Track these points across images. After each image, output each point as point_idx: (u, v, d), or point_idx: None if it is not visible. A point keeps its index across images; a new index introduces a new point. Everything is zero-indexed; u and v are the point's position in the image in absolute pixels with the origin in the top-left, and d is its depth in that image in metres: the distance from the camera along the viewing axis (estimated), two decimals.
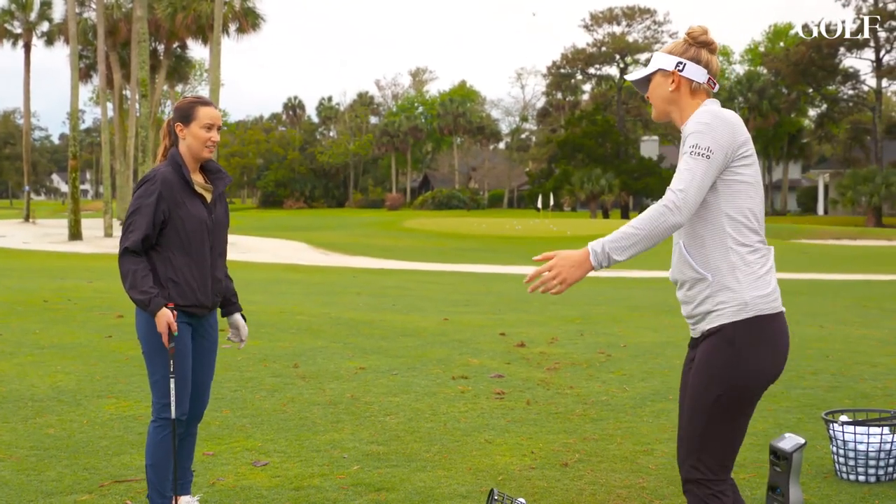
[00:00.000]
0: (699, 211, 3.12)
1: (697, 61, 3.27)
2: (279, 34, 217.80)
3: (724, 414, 3.11)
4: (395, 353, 9.25)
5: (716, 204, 3.11)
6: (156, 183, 4.20)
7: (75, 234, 38.56)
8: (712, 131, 3.06)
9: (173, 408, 4.24)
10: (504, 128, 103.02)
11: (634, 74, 3.37)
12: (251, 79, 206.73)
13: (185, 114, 4.30)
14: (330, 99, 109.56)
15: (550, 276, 3.03)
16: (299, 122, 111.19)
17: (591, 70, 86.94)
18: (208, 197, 4.36)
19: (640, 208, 76.57)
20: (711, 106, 3.19)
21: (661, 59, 3.30)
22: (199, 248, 4.28)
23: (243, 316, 4.63)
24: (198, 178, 4.37)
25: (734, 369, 3.08)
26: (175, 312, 4.19)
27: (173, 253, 4.23)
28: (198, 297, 4.28)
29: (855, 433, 5.05)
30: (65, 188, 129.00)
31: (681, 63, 3.26)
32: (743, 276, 3.07)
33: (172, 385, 4.24)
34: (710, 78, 3.27)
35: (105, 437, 5.96)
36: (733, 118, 3.14)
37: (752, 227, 3.11)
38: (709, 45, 3.30)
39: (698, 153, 3.03)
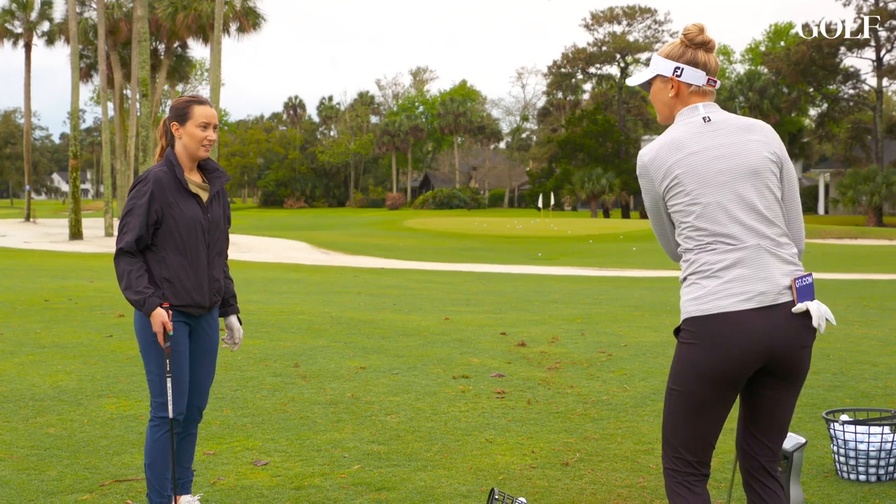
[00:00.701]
0: None
1: (695, 63, 3.27)
2: (280, 34, 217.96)
3: (676, 409, 3.22)
4: (396, 353, 9.25)
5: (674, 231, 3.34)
6: (147, 183, 4.21)
7: (76, 233, 38.57)
8: (641, 183, 3.33)
9: (170, 407, 4.24)
10: (505, 127, 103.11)
11: (635, 79, 3.40)
12: (252, 78, 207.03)
13: (181, 113, 4.29)
14: (330, 98, 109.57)
15: None
16: (300, 121, 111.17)
17: (592, 69, 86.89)
18: (204, 196, 4.36)
19: (641, 208, 76.59)
20: (667, 132, 3.29)
21: (660, 64, 3.31)
22: (194, 248, 4.28)
23: (239, 319, 4.63)
24: (194, 178, 4.36)
25: (673, 367, 3.25)
26: (170, 312, 4.19)
27: (168, 253, 4.23)
28: (193, 296, 4.28)
29: (856, 432, 5.05)
30: (65, 188, 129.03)
31: (678, 69, 3.28)
32: (684, 286, 3.26)
33: (169, 384, 4.24)
34: (709, 79, 3.28)
35: (106, 436, 5.96)
36: (651, 157, 3.26)
37: (687, 247, 3.24)
38: (706, 45, 3.29)
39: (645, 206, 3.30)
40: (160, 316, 4.14)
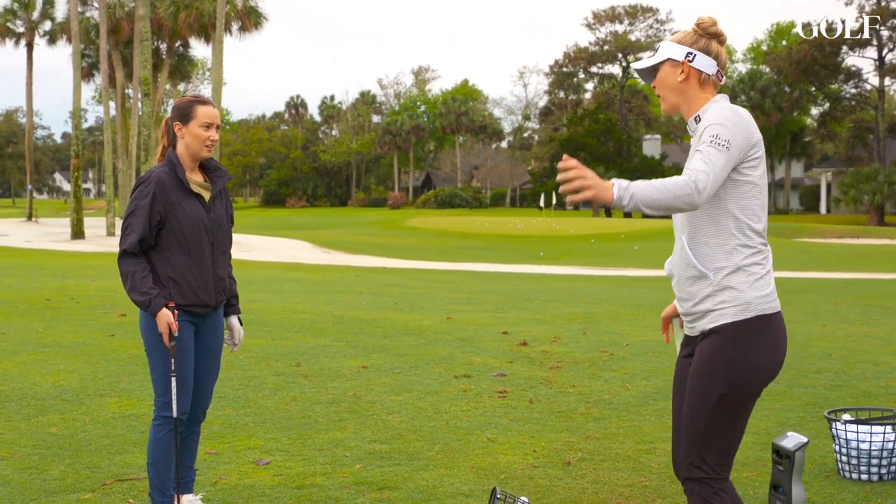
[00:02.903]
0: (706, 207, 3.11)
1: (707, 52, 3.23)
2: (281, 33, 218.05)
3: (727, 413, 3.11)
4: (398, 352, 9.25)
5: (723, 202, 3.09)
6: (150, 184, 4.21)
7: (78, 232, 38.60)
8: (733, 127, 3.03)
9: (174, 406, 4.25)
10: (506, 126, 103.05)
11: (642, 63, 3.32)
12: (253, 78, 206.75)
13: (184, 113, 4.30)
14: (332, 98, 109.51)
15: (581, 178, 2.88)
16: (302, 120, 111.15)
17: (594, 69, 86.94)
18: (206, 196, 4.37)
19: None
20: (730, 103, 3.19)
21: (671, 49, 3.25)
22: (198, 247, 4.28)
23: (240, 319, 4.64)
24: (196, 177, 4.37)
25: (736, 368, 3.07)
26: (176, 312, 4.19)
27: (172, 252, 4.24)
28: (198, 295, 4.28)
29: (857, 432, 5.05)
30: (67, 187, 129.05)
31: (691, 53, 3.22)
32: (745, 277, 3.08)
33: (174, 383, 4.24)
34: (718, 70, 3.24)
35: (107, 435, 5.96)
36: (749, 119, 3.13)
37: (756, 228, 3.10)
38: (718, 37, 3.26)
39: (719, 143, 2.99)
40: (166, 316, 4.15)
